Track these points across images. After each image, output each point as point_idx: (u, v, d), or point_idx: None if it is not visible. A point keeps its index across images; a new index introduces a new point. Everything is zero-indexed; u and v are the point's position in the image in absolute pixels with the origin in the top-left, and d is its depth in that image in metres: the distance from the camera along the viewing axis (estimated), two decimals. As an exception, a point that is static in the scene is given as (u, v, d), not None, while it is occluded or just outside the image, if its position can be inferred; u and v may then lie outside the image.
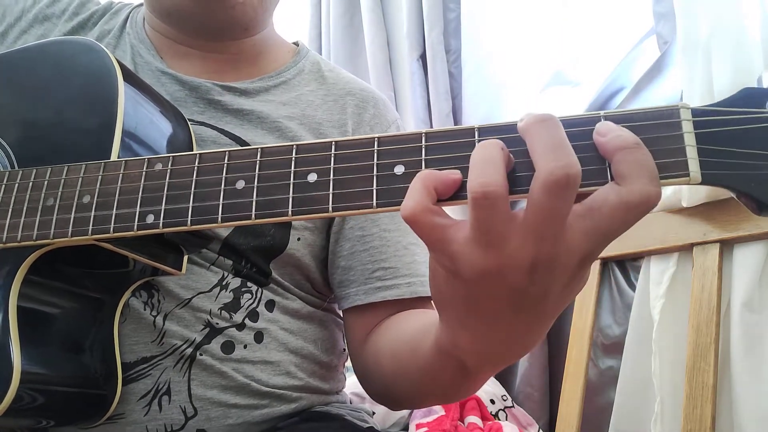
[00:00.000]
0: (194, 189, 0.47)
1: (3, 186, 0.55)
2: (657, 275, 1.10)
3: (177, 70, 0.74)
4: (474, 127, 0.41)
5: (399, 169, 0.41)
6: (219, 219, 0.45)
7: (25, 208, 0.53)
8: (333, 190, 0.42)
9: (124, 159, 0.51)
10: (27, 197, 0.53)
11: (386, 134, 0.42)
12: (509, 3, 1.54)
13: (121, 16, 0.81)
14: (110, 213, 0.49)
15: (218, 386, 0.65)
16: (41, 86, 0.59)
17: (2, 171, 0.56)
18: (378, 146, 0.42)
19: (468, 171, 0.37)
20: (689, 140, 0.38)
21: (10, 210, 0.54)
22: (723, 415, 0.96)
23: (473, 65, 1.59)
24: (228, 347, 0.66)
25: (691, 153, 0.38)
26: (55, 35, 0.79)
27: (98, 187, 0.50)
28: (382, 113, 0.81)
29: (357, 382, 0.74)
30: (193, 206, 0.46)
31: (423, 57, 1.69)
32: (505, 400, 1.31)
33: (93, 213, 0.50)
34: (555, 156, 0.36)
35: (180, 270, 0.61)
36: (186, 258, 0.62)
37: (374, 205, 0.41)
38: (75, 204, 0.51)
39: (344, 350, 0.81)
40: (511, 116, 0.64)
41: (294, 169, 0.44)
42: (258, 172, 0.45)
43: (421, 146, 0.41)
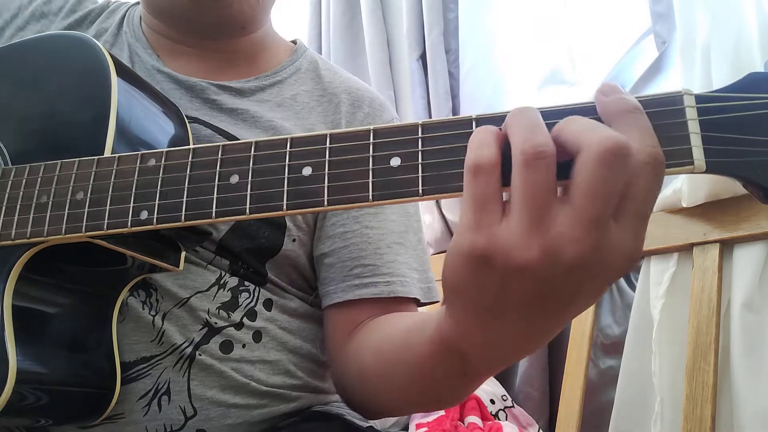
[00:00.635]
0: (188, 184, 0.46)
1: None
2: (657, 275, 1.10)
3: (173, 69, 0.74)
4: (471, 118, 0.40)
5: (395, 161, 0.41)
6: (213, 214, 0.45)
7: (19, 206, 0.53)
8: (328, 184, 0.42)
9: (118, 155, 0.51)
10: (20, 195, 0.53)
11: (382, 126, 0.42)
12: (507, 3, 1.53)
13: (118, 15, 0.81)
14: (104, 209, 0.49)
15: (218, 386, 0.65)
16: (35, 81, 0.59)
17: (-4, 168, 0.56)
18: (374, 138, 0.41)
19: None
20: (693, 127, 0.37)
21: (4, 208, 0.53)
22: (723, 415, 0.96)
23: (470, 65, 1.59)
24: (227, 347, 0.66)
25: (695, 140, 0.37)
26: None
27: (91, 184, 0.50)
28: (377, 113, 0.80)
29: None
30: (187, 201, 0.46)
31: (423, 57, 1.68)
32: (505, 400, 1.31)
33: (87, 209, 0.49)
34: (601, 130, 0.35)
35: (178, 267, 0.61)
36: (183, 255, 0.62)
37: (370, 198, 0.40)
38: (68, 201, 0.50)
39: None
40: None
41: (288, 163, 0.43)
42: (252, 166, 0.44)
43: (418, 138, 0.41)
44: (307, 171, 0.43)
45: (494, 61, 1.54)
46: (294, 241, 0.71)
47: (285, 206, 0.43)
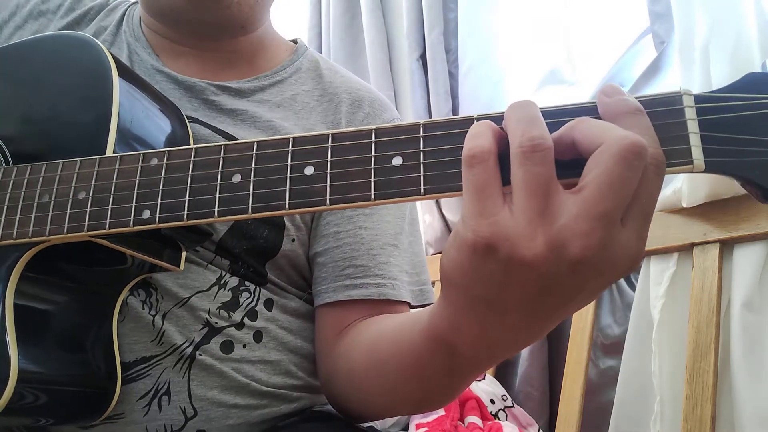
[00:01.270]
0: (190, 183, 0.46)
1: None
2: (657, 275, 1.10)
3: (173, 69, 0.74)
4: (473, 117, 0.40)
5: (397, 161, 0.41)
6: (216, 213, 0.45)
7: (21, 205, 0.53)
8: (330, 183, 0.42)
9: (120, 154, 0.51)
10: (22, 194, 0.53)
11: (383, 125, 0.42)
12: (507, 3, 1.54)
13: (118, 14, 0.80)
14: (106, 209, 0.49)
15: (218, 386, 0.64)
16: (36, 81, 0.59)
17: (-2, 167, 0.56)
18: (375, 138, 0.42)
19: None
20: (692, 127, 0.37)
21: (5, 207, 0.53)
22: (723, 415, 0.96)
23: (470, 65, 1.59)
24: (227, 347, 0.66)
25: (695, 140, 0.37)
26: (51, 31, 0.78)
27: (93, 183, 0.50)
28: (378, 113, 0.79)
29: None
30: (189, 201, 0.46)
31: (423, 57, 1.68)
32: (505, 400, 1.31)
33: (89, 209, 0.49)
34: (620, 129, 0.35)
35: (178, 266, 0.61)
36: (184, 254, 0.62)
37: (372, 198, 0.41)
38: (70, 200, 0.51)
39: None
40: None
41: (290, 162, 0.43)
42: (254, 166, 0.44)
43: (419, 137, 0.41)
44: (309, 170, 0.43)
45: (494, 61, 1.54)
46: (293, 241, 0.71)
47: (287, 206, 0.43)
